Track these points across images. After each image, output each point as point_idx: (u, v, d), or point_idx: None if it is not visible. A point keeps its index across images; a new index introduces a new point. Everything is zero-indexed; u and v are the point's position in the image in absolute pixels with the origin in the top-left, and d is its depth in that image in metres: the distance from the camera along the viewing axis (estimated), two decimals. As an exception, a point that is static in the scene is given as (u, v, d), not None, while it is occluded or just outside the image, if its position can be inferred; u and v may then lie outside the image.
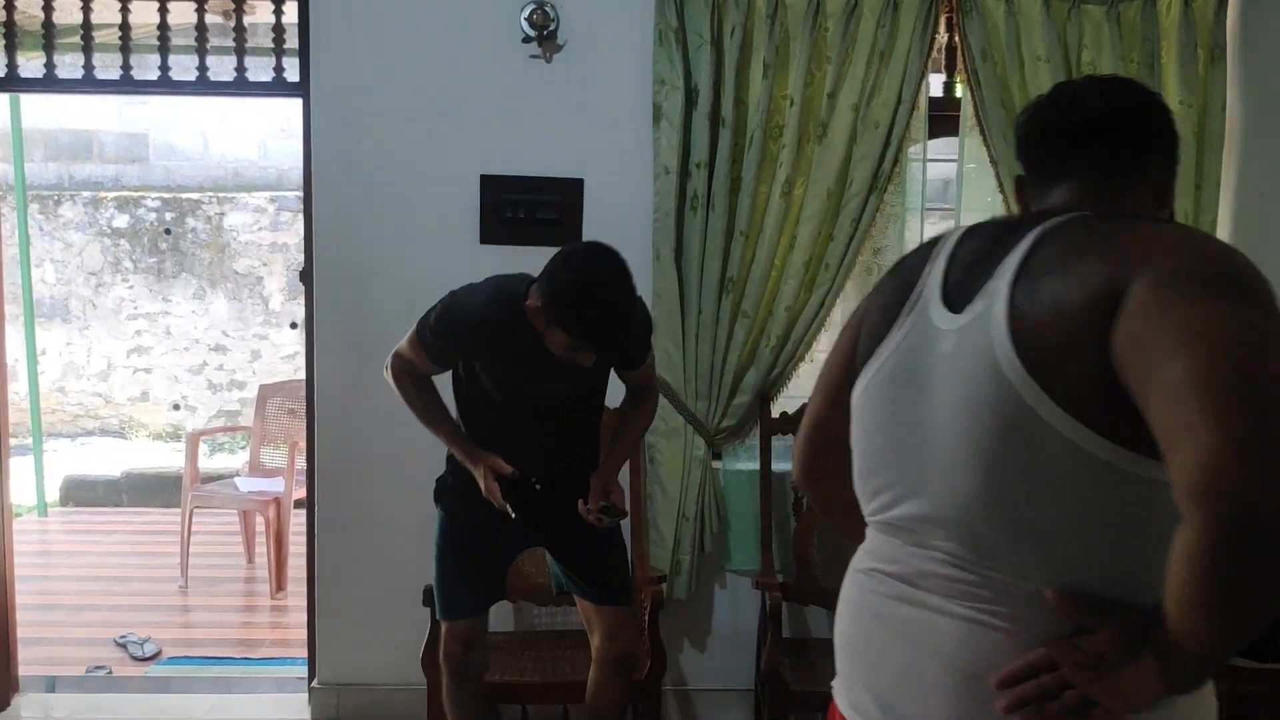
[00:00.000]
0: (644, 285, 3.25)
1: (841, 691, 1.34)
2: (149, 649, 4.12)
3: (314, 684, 3.46)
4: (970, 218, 3.43)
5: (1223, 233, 3.26)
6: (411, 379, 2.58)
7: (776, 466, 3.34)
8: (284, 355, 7.99)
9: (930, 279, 1.26)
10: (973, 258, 1.23)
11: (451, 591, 2.67)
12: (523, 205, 3.27)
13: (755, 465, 3.35)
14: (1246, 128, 3.20)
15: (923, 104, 3.27)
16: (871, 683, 1.27)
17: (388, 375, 2.61)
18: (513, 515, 2.46)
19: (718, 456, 3.40)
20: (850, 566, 1.37)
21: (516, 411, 2.53)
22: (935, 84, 3.43)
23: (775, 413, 3.34)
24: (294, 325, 7.83)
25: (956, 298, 1.21)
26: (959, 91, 3.37)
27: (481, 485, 2.49)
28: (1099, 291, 1.06)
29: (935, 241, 1.33)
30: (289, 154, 7.36)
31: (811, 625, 3.42)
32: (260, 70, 3.53)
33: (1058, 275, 1.11)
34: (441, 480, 2.73)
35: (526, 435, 2.53)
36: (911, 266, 1.32)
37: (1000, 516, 1.14)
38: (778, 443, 3.34)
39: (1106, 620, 1.07)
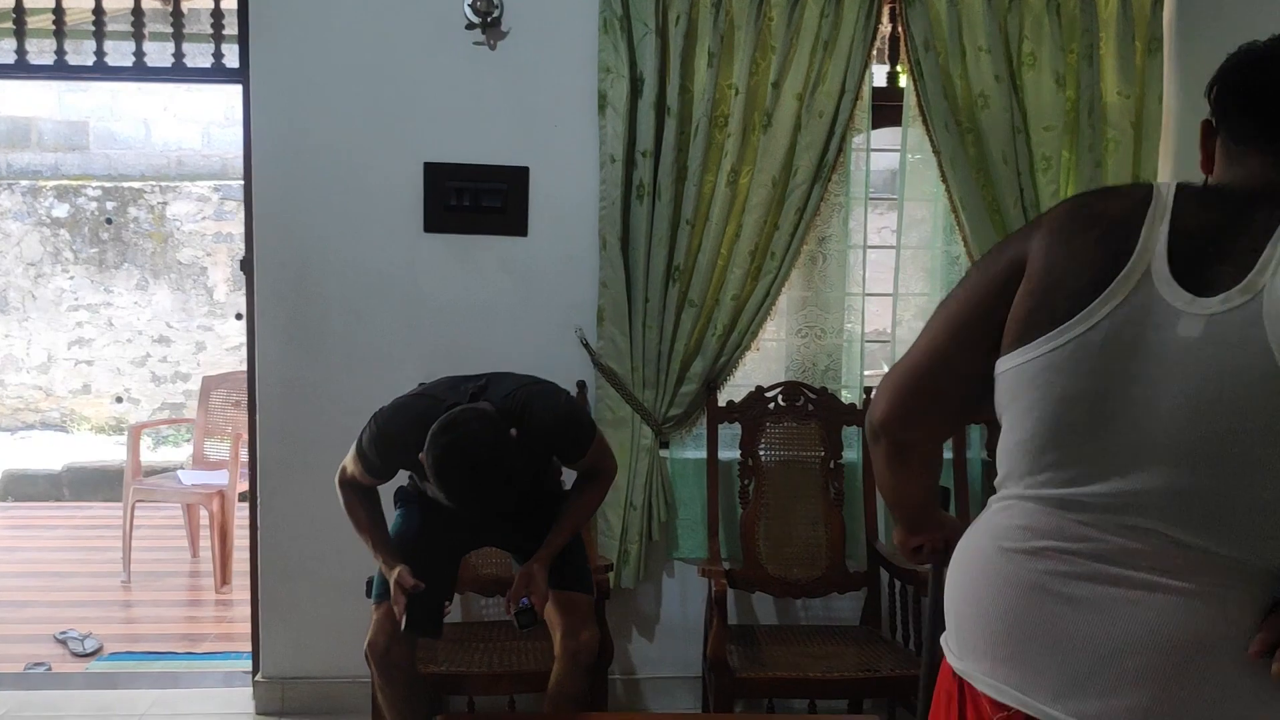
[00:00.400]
0: (590, 274, 3.27)
1: (991, 674, 1.27)
2: (89, 645, 4.05)
3: (258, 678, 3.42)
4: (913, 208, 3.46)
5: (1159, 222, 3.32)
6: (356, 491, 2.66)
7: (723, 455, 3.35)
8: (229, 347, 7.87)
9: (1155, 247, 1.18)
10: (1206, 233, 1.18)
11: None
12: (467, 194, 3.24)
13: (702, 454, 3.36)
14: (1182, 118, 3.26)
15: (866, 94, 3.29)
16: (1054, 665, 1.21)
17: (336, 485, 2.68)
18: (401, 626, 2.52)
19: (665, 445, 3.40)
20: (993, 544, 1.29)
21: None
22: (879, 75, 3.46)
23: (722, 401, 3.35)
24: (239, 316, 7.71)
25: (1194, 277, 1.16)
26: (903, 82, 3.39)
27: (391, 589, 2.54)
28: None
29: (1135, 195, 1.24)
30: (233, 142, 7.23)
31: (758, 612, 3.44)
32: (199, 56, 3.48)
33: None
34: (402, 489, 2.81)
35: (481, 514, 2.55)
36: (1116, 222, 1.22)
37: (1250, 513, 1.13)
38: (724, 431, 3.36)
39: None
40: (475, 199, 3.25)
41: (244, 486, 4.34)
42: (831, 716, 2.76)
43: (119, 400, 8.05)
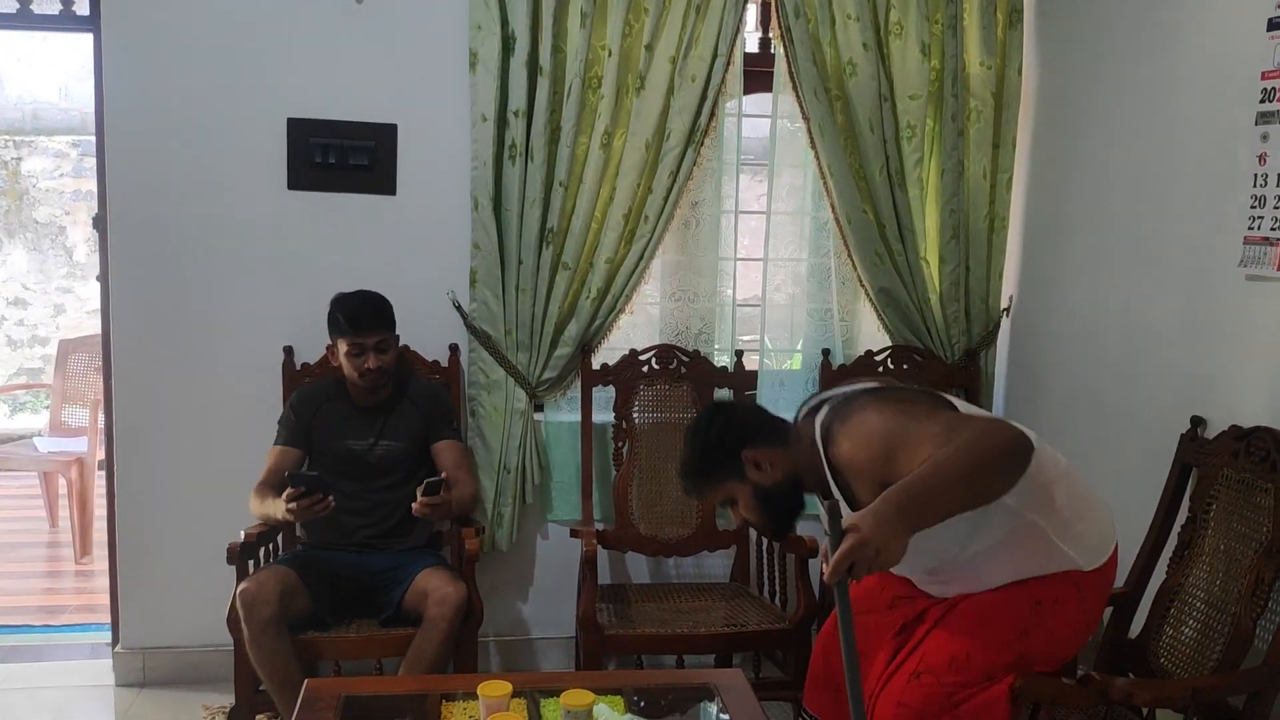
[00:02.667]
0: (462, 235, 3.23)
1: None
2: (-62, 620, 3.88)
3: (117, 649, 3.32)
4: (786, 173, 3.51)
5: (1017, 189, 3.44)
6: (263, 496, 2.85)
7: (597, 417, 3.36)
8: (90, 309, 7.53)
9: None
10: None
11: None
12: (333, 151, 3.16)
13: (576, 417, 3.37)
14: (1041, 89, 3.37)
15: (738, 58, 3.31)
16: None
17: (253, 508, 2.89)
18: (325, 497, 2.71)
19: (539, 408, 3.40)
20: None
21: (345, 474, 2.95)
22: (751, 40, 3.48)
23: (596, 364, 3.36)
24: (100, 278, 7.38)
25: None
26: (774, 48, 3.42)
27: (289, 511, 2.69)
28: None
29: None
30: (93, 95, 6.89)
31: (631, 571, 3.48)
32: (47, 2, 3.30)
33: None
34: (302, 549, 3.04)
35: (358, 494, 2.95)
36: None
37: None
38: (598, 394, 3.37)
39: None
40: (341, 156, 3.17)
41: (104, 454, 4.19)
42: (698, 670, 2.81)
43: (-29, 366, 7.66)
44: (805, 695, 2.35)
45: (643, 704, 2.37)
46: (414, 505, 2.73)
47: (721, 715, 2.26)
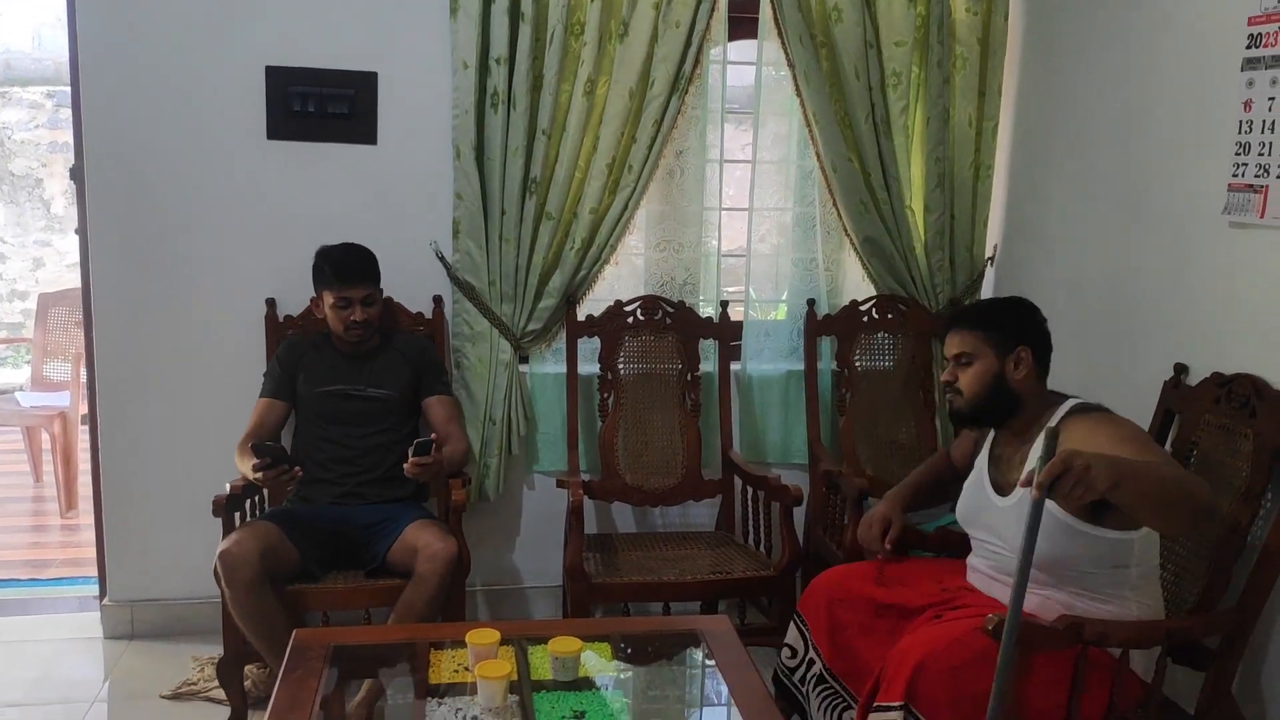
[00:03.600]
0: (444, 185, 3.21)
1: None
2: (-76, 575, 3.88)
3: (105, 601, 3.33)
4: (771, 121, 3.49)
5: (1003, 137, 3.43)
6: (244, 454, 2.80)
7: (583, 369, 3.36)
8: (69, 263, 7.46)
9: None
10: None
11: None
12: (312, 99, 3.12)
13: (562, 368, 3.37)
14: (1027, 36, 3.35)
15: (722, 4, 3.27)
16: None
17: (241, 464, 2.85)
18: (291, 468, 2.72)
19: (524, 360, 3.39)
20: None
21: (333, 419, 2.98)
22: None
23: (581, 315, 3.35)
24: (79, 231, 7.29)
25: None
26: (759, -7, 3.38)
27: (256, 475, 2.69)
28: None
29: None
30: (67, 44, 6.74)
31: (618, 521, 3.50)
32: (16, -54, 3.24)
33: None
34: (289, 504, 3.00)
35: (346, 440, 2.97)
36: None
37: None
38: (584, 345, 3.36)
39: None
40: (321, 105, 3.13)
41: (87, 408, 4.18)
42: (685, 617, 2.84)
43: (-50, 321, 7.59)
44: (801, 600, 2.47)
45: (629, 651, 2.40)
46: (405, 466, 2.70)
47: (707, 661, 2.29)
